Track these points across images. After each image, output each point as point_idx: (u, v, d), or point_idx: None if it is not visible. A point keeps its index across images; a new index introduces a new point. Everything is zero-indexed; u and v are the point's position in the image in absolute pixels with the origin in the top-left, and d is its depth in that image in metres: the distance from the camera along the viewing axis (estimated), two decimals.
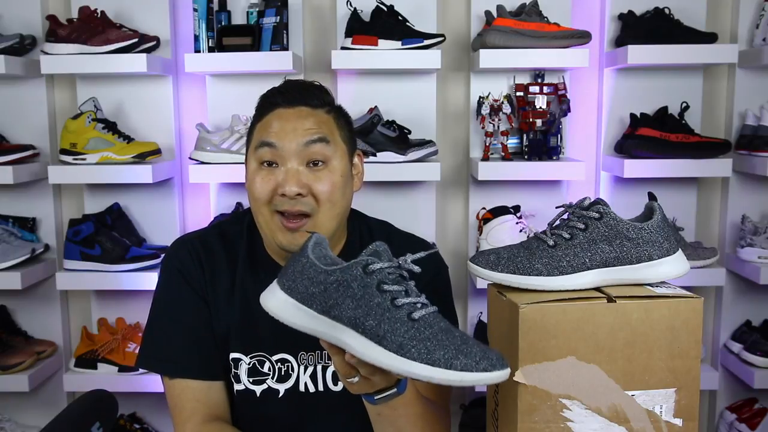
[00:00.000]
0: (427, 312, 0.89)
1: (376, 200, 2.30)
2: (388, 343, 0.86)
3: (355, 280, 0.90)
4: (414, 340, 0.86)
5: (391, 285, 0.90)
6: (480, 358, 0.84)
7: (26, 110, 2.31)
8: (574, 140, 2.37)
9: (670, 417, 0.97)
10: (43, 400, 2.42)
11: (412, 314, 0.88)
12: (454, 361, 0.84)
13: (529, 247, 1.01)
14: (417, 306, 0.89)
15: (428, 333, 0.87)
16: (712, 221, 2.42)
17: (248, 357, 1.27)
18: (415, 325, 0.87)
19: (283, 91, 1.26)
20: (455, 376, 0.83)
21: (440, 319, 0.90)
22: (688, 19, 2.21)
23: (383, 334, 0.87)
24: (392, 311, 0.88)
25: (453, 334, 0.87)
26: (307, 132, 1.20)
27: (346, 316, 0.89)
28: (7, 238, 2.20)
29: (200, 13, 2.15)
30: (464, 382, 0.83)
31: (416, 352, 0.85)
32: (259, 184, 1.20)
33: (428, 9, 2.27)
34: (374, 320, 0.88)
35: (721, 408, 2.42)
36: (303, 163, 1.20)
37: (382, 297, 0.89)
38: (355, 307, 0.89)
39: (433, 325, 0.88)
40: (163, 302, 1.30)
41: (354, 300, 0.89)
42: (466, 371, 0.83)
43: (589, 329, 0.94)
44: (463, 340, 0.86)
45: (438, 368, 0.84)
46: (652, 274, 1.00)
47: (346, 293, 0.90)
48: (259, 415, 1.29)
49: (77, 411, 1.34)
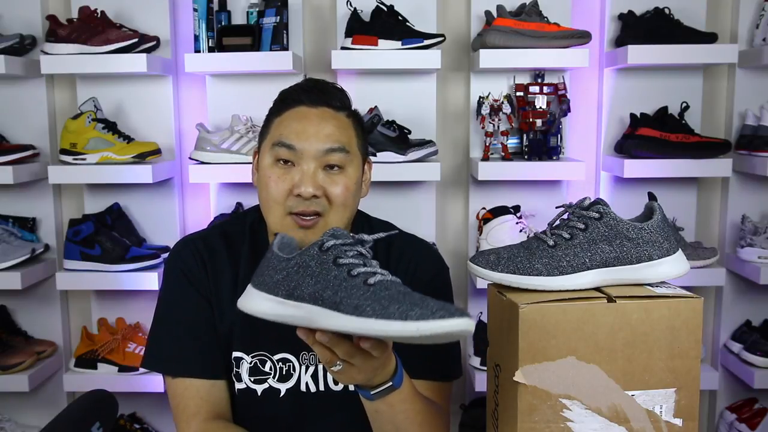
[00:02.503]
0: (384, 278, 0.88)
1: (376, 200, 2.28)
2: (345, 307, 0.85)
3: (313, 259, 0.91)
4: (369, 300, 0.85)
5: (348, 258, 0.91)
6: (437, 309, 0.82)
7: (26, 110, 2.31)
8: (574, 140, 2.37)
9: (670, 417, 0.97)
10: (43, 400, 2.42)
11: (368, 280, 0.87)
12: (410, 313, 0.81)
13: (529, 247, 1.01)
14: (375, 274, 0.89)
15: (385, 294, 0.85)
16: (712, 221, 2.42)
17: (249, 356, 1.27)
18: (371, 289, 0.86)
19: (307, 89, 1.25)
20: (411, 326, 0.81)
21: (400, 286, 0.88)
22: (688, 19, 2.21)
23: (340, 300, 0.86)
24: (348, 280, 0.88)
25: (413, 295, 0.85)
26: (328, 138, 1.20)
27: (307, 293, 0.90)
28: (7, 238, 2.20)
29: (200, 13, 2.15)
30: (421, 331, 0.80)
31: (371, 310, 0.83)
32: (275, 183, 1.20)
33: (428, 9, 2.27)
34: (332, 291, 0.88)
35: (721, 408, 2.42)
36: (321, 166, 1.20)
37: (339, 270, 0.89)
38: (314, 284, 0.90)
39: (390, 288, 0.87)
40: (167, 303, 1.31)
41: (313, 278, 0.90)
42: (421, 320, 0.80)
43: (589, 329, 0.94)
44: (421, 299, 0.84)
45: (393, 321, 0.82)
46: (652, 274, 1.00)
47: (306, 273, 0.91)
48: (260, 414, 1.29)
49: (77, 411, 1.34)
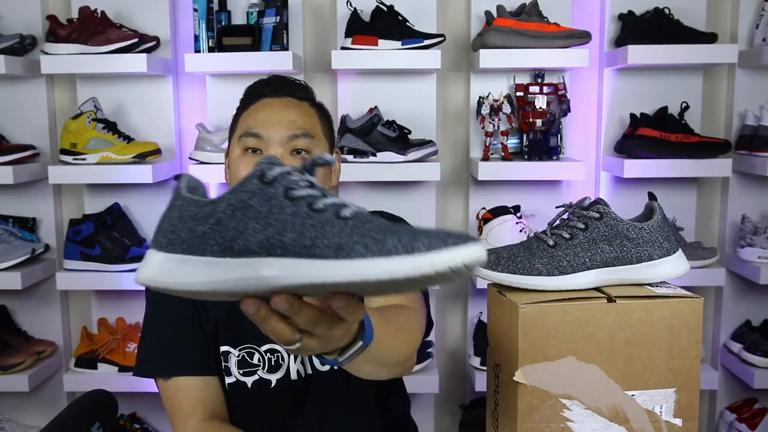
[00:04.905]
0: (360, 209, 0.67)
1: (376, 200, 2.30)
2: (322, 250, 0.63)
3: (254, 196, 0.67)
4: (354, 236, 0.63)
5: (302, 189, 0.68)
6: (444, 236, 0.62)
7: (26, 110, 2.31)
8: (574, 140, 2.37)
9: (670, 417, 0.97)
10: (43, 400, 2.42)
11: (340, 213, 0.65)
12: (416, 244, 0.61)
13: (529, 247, 1.01)
14: (344, 205, 0.66)
15: (369, 226, 0.64)
16: (712, 221, 2.42)
17: (237, 349, 1.27)
18: (349, 223, 0.64)
19: (270, 82, 1.31)
20: (424, 260, 0.60)
21: (381, 218, 0.66)
22: (688, 19, 2.21)
23: (311, 243, 0.63)
24: (314, 216, 0.65)
25: (400, 226, 0.65)
26: (292, 124, 1.23)
27: (256, 242, 0.65)
28: (7, 238, 2.20)
29: (200, 13, 2.15)
30: (435, 266, 0.60)
31: (362, 248, 0.62)
32: (244, 170, 1.22)
33: (428, 9, 2.27)
34: (293, 232, 0.64)
35: (721, 408, 2.42)
36: (288, 151, 1.23)
37: (296, 205, 0.66)
38: (264, 228, 0.65)
39: (372, 220, 0.65)
40: (152, 308, 1.33)
41: (260, 220, 0.66)
42: (433, 251, 0.60)
43: (589, 329, 0.94)
44: (416, 228, 0.64)
45: (399, 257, 0.60)
46: (652, 274, 1.01)
47: (247, 215, 0.66)
48: (253, 406, 1.29)
49: (77, 411, 1.34)
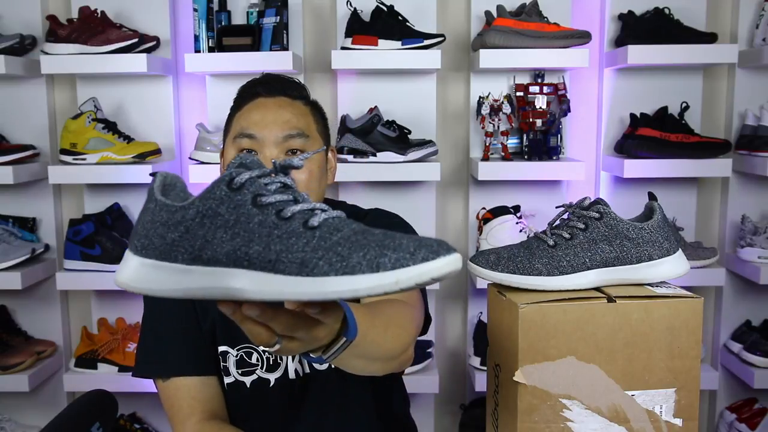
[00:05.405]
0: (330, 216, 0.64)
1: (376, 200, 2.30)
2: (286, 266, 0.61)
3: (222, 203, 0.65)
4: (319, 250, 0.61)
5: (272, 195, 0.66)
6: (415, 248, 0.59)
7: (26, 110, 2.31)
8: (574, 140, 2.37)
9: (670, 417, 0.97)
10: (43, 400, 2.42)
11: (308, 221, 0.63)
12: (381, 260, 0.59)
13: (529, 247, 1.01)
14: (315, 212, 0.65)
15: (337, 237, 0.62)
16: (712, 221, 2.42)
17: (235, 349, 1.27)
18: (316, 233, 0.62)
19: (264, 82, 1.30)
20: (389, 278, 0.58)
21: (352, 223, 0.64)
22: (688, 19, 2.21)
23: (276, 257, 0.62)
24: (281, 226, 0.63)
25: (372, 232, 0.62)
26: (287, 124, 1.23)
27: (223, 253, 0.64)
28: (7, 238, 2.20)
29: (200, 13, 2.15)
30: (401, 284, 0.58)
31: (325, 263, 0.60)
32: None
33: (428, 9, 2.27)
34: (259, 244, 0.63)
35: (721, 408, 2.42)
36: (283, 151, 1.22)
37: (263, 213, 0.64)
38: (231, 237, 0.64)
39: (341, 228, 0.63)
40: (150, 310, 1.32)
41: (227, 229, 0.64)
42: (400, 268, 0.58)
43: (589, 329, 0.94)
44: (387, 236, 0.61)
45: (361, 275, 0.59)
46: (652, 274, 1.01)
47: (215, 224, 0.65)
48: (252, 405, 1.29)
49: (77, 411, 1.34)
